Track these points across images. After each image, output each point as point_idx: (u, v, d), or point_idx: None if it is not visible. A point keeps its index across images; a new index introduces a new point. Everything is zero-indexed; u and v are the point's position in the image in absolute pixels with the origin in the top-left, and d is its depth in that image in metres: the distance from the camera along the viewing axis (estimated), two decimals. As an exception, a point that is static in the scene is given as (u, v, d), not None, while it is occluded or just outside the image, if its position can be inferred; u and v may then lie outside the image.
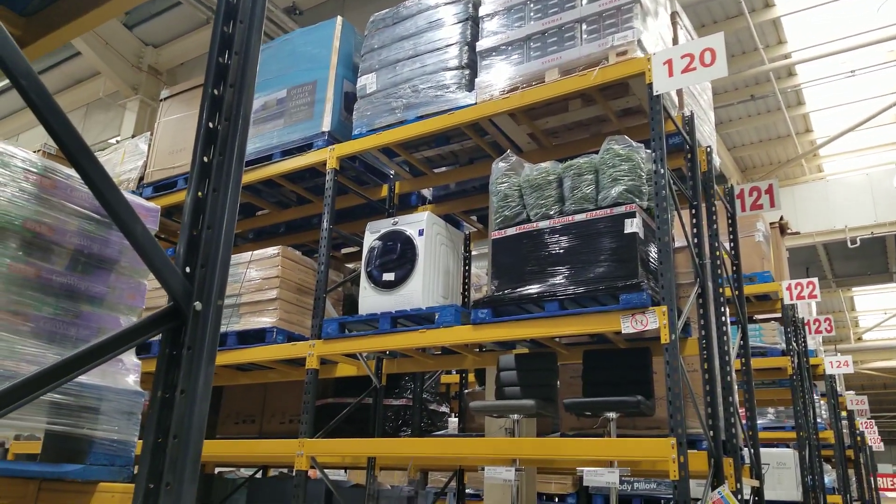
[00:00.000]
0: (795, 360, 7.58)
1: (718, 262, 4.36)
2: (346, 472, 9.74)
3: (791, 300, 7.49)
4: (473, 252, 6.20)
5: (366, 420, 5.47)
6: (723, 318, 4.22)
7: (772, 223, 8.31)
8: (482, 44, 4.78)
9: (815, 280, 7.47)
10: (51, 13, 2.73)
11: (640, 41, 4.16)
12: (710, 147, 4.70)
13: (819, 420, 9.52)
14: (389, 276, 4.69)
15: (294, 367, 5.69)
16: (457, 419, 7.07)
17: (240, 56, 1.76)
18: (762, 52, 11.24)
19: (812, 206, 14.20)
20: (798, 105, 13.24)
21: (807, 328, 8.72)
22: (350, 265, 7.03)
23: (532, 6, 4.65)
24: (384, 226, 4.90)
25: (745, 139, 14.56)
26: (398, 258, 4.71)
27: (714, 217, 4.48)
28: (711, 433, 3.80)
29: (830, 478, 10.17)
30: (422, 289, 4.57)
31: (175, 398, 1.53)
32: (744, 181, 14.75)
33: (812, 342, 9.35)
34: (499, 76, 4.61)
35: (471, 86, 4.81)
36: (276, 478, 7.45)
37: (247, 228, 7.04)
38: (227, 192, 1.67)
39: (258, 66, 1.82)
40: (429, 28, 5.16)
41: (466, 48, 4.92)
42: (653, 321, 3.56)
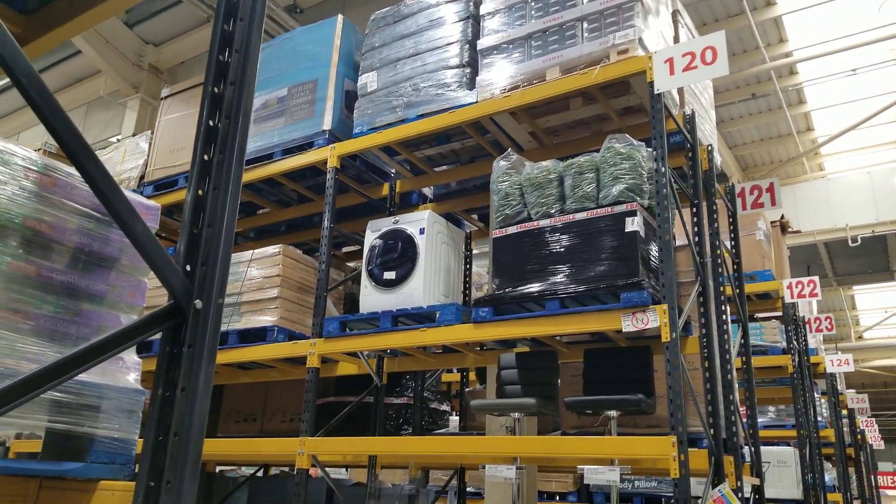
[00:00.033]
0: (796, 359, 7.58)
1: (719, 261, 4.35)
2: (348, 471, 9.75)
3: (792, 299, 7.49)
4: (474, 251, 6.19)
5: (367, 418, 5.47)
6: (723, 317, 4.22)
7: (773, 222, 8.30)
8: (483, 42, 4.77)
9: (816, 279, 7.47)
10: (51, 11, 2.73)
11: (642, 39, 4.16)
12: (711, 145, 4.70)
13: (819, 418, 9.52)
14: (390, 275, 4.69)
15: (295, 366, 5.70)
16: (458, 418, 7.08)
17: (240, 54, 1.76)
18: (763, 51, 11.23)
19: (813, 205, 14.19)
20: (799, 104, 13.22)
21: (807, 327, 8.72)
22: (351, 264, 7.03)
23: (533, 4, 4.64)
24: (385, 224, 4.91)
25: (746, 138, 14.55)
26: (399, 257, 4.71)
27: (715, 215, 4.47)
28: (712, 431, 3.80)
29: (831, 476, 10.17)
30: (423, 287, 4.57)
31: (176, 396, 1.53)
32: (745, 180, 14.74)
33: (813, 341, 9.35)
34: (500, 74, 4.61)
35: (472, 84, 4.81)
36: (278, 476, 7.45)
37: (248, 227, 7.04)
38: (228, 191, 1.67)
39: (259, 65, 1.82)
40: (430, 26, 5.15)
41: (467, 46, 4.92)
42: (653, 319, 3.56)
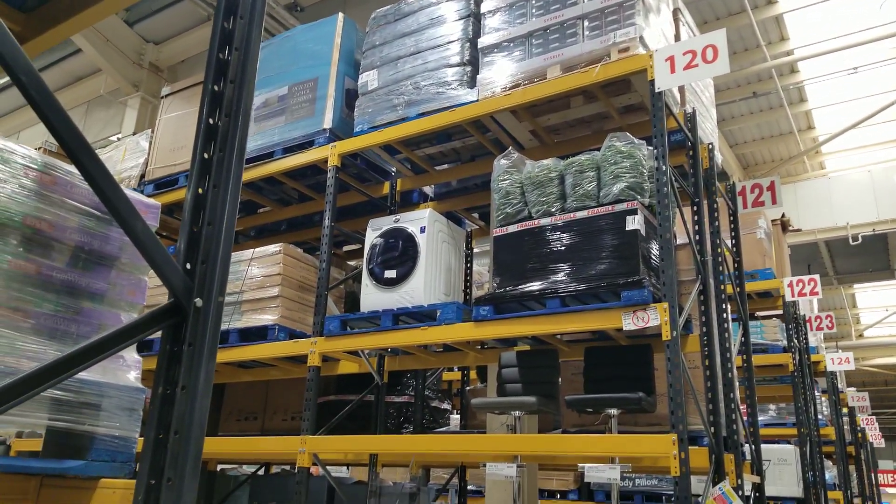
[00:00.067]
0: (797, 357, 7.58)
1: (720, 259, 4.35)
2: (349, 469, 9.76)
3: (792, 297, 7.49)
4: (475, 249, 6.20)
5: (368, 417, 5.47)
6: (724, 315, 4.22)
7: (773, 220, 8.29)
8: (484, 40, 4.77)
9: (817, 277, 7.46)
10: (50, 9, 2.72)
11: (643, 38, 4.15)
12: (712, 144, 4.69)
13: (820, 416, 9.52)
14: (391, 274, 4.69)
15: (296, 365, 5.70)
16: (458, 416, 7.09)
17: (240, 52, 1.75)
18: (764, 49, 11.21)
19: (814, 203, 14.18)
20: (800, 102, 13.21)
21: (808, 325, 8.71)
22: (352, 262, 7.03)
23: (534, 3, 4.63)
24: (386, 223, 4.91)
25: (747, 136, 14.53)
26: (400, 255, 4.71)
27: (716, 214, 4.47)
28: (712, 429, 3.80)
29: (831, 474, 10.18)
30: (423, 286, 4.56)
31: (176, 394, 1.53)
32: (745, 178, 14.73)
33: (813, 339, 9.35)
34: (501, 73, 4.60)
35: (472, 82, 4.80)
36: (279, 475, 7.46)
37: (248, 226, 7.04)
38: (228, 189, 1.67)
39: (259, 63, 1.82)
40: (430, 25, 5.15)
41: (468, 45, 4.91)
42: (654, 318, 3.56)
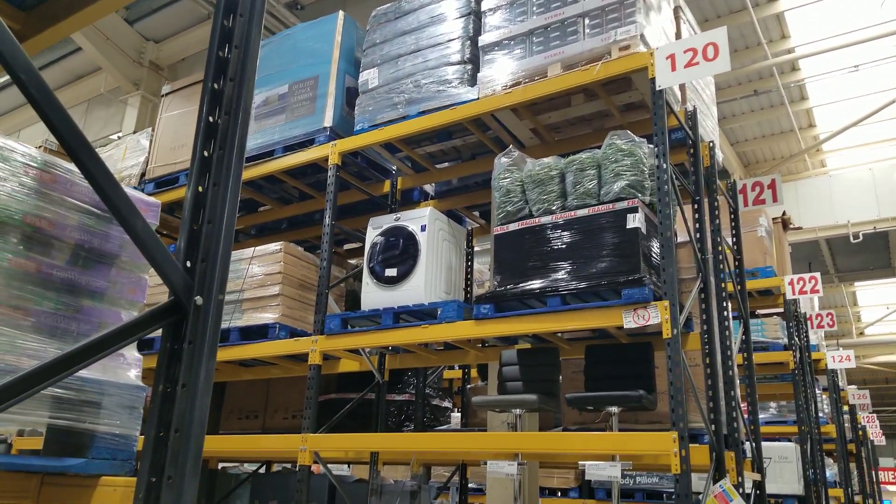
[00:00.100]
0: (797, 355, 7.57)
1: (720, 257, 4.35)
2: (350, 467, 9.77)
3: (793, 295, 7.48)
4: (476, 248, 6.19)
5: (368, 415, 5.48)
6: (725, 313, 4.22)
7: (774, 218, 8.28)
8: (484, 38, 4.76)
9: (818, 275, 7.45)
10: (50, 7, 2.72)
11: (643, 36, 4.15)
12: (713, 142, 4.69)
13: (821, 414, 9.52)
14: (392, 272, 4.69)
15: (297, 363, 5.70)
16: (459, 414, 7.09)
17: (240, 50, 1.75)
18: (765, 47, 11.19)
19: (815, 202, 14.16)
20: (801, 100, 13.18)
21: (809, 323, 8.71)
22: (352, 261, 7.03)
23: (534, 0, 4.63)
24: (386, 221, 4.90)
25: (748, 134, 14.51)
26: (400, 254, 4.71)
27: (716, 212, 4.47)
28: (713, 427, 3.80)
29: (832, 472, 10.18)
30: (424, 284, 4.56)
31: (176, 392, 1.53)
32: (746, 176, 14.72)
33: (814, 337, 9.34)
34: (501, 71, 4.60)
35: (473, 81, 4.80)
36: (280, 473, 7.47)
37: (249, 224, 7.04)
38: (228, 187, 1.67)
39: (259, 61, 1.81)
40: (431, 23, 5.14)
41: (469, 43, 4.91)
42: (655, 316, 3.56)
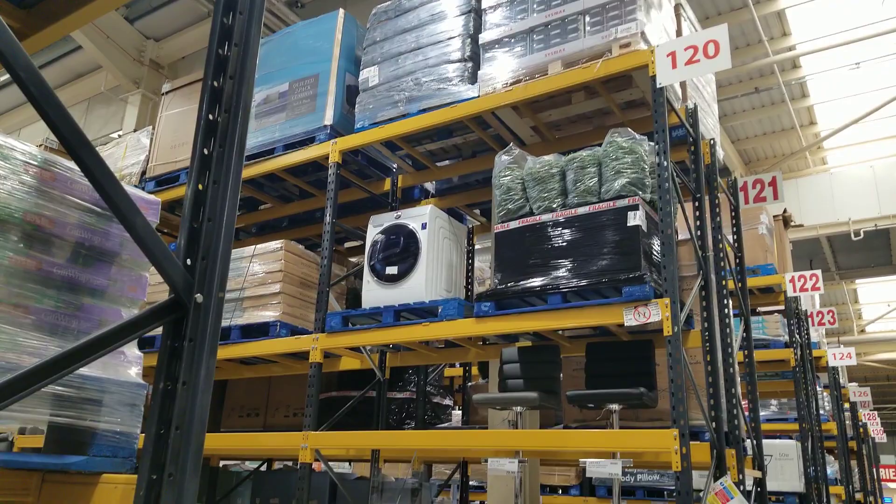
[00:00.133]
0: (798, 353, 7.57)
1: (721, 255, 4.34)
2: (351, 465, 9.79)
3: (794, 292, 7.48)
4: (477, 245, 6.20)
5: (369, 413, 5.48)
6: (725, 311, 4.21)
7: (775, 216, 8.27)
8: (485, 36, 4.76)
9: (819, 272, 7.44)
10: (50, 5, 2.72)
11: (644, 33, 4.14)
12: (714, 139, 4.68)
13: (822, 412, 9.52)
14: (392, 270, 4.69)
15: (298, 361, 5.70)
16: (460, 412, 7.09)
17: (239, 48, 1.75)
18: (766, 44, 11.17)
19: (816, 199, 14.15)
20: (802, 97, 13.17)
21: (810, 320, 8.70)
22: (353, 259, 7.03)
23: (534, -2, 4.62)
24: (387, 219, 4.90)
25: (749, 131, 14.50)
26: (401, 252, 4.71)
27: (717, 209, 4.46)
28: (714, 425, 3.80)
29: (833, 469, 10.19)
30: (425, 282, 4.57)
31: (177, 390, 1.54)
32: (747, 174, 14.71)
33: (815, 334, 9.34)
34: (502, 69, 4.59)
35: (473, 78, 4.80)
36: (281, 470, 7.48)
37: (250, 223, 7.04)
38: (228, 184, 1.67)
39: (259, 59, 1.81)
40: (431, 20, 5.14)
41: (469, 41, 4.90)
42: (655, 313, 3.56)
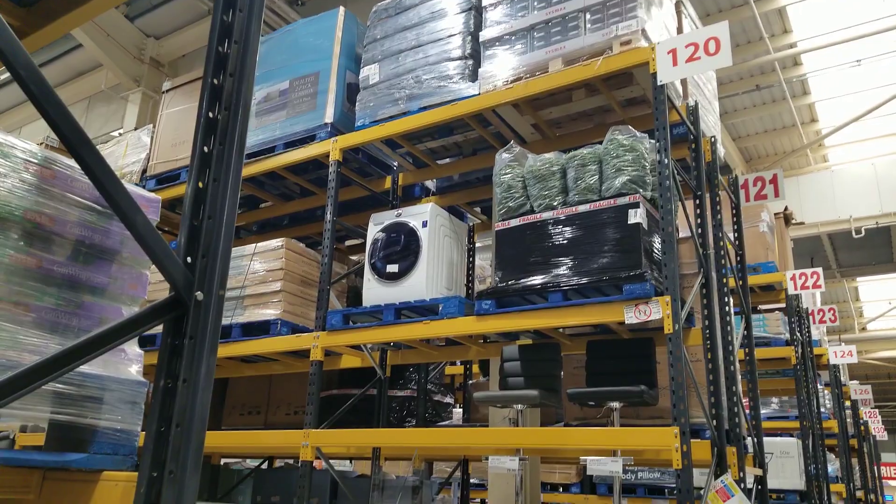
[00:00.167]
0: (799, 350, 7.57)
1: (722, 253, 4.34)
2: (352, 463, 9.79)
3: (795, 290, 7.48)
4: (477, 243, 6.19)
5: (370, 411, 5.48)
6: (726, 308, 4.21)
7: (776, 213, 8.27)
8: (485, 34, 4.75)
9: (820, 270, 7.44)
10: (50, 3, 2.71)
11: (645, 30, 4.13)
12: (715, 137, 4.68)
13: (823, 410, 9.52)
14: (393, 268, 4.69)
15: (298, 359, 5.71)
16: (461, 410, 7.09)
17: (239, 45, 1.75)
18: (767, 42, 11.16)
19: (817, 197, 14.14)
20: (803, 95, 13.15)
21: (811, 318, 8.71)
22: (354, 257, 7.03)
23: (535, -5, 4.61)
24: (388, 217, 4.90)
25: (750, 129, 14.49)
26: (402, 250, 4.71)
27: (718, 207, 4.46)
28: (714, 422, 3.80)
29: (834, 467, 10.19)
30: (425, 280, 4.56)
31: (177, 387, 1.54)
32: (748, 171, 14.69)
33: (816, 332, 9.34)
34: (502, 66, 4.59)
35: (474, 76, 4.79)
36: (282, 468, 7.48)
37: (250, 221, 7.04)
38: (228, 182, 1.67)
39: (260, 57, 1.81)
40: (431, 18, 5.13)
41: (469, 38, 4.90)
42: (656, 311, 3.56)
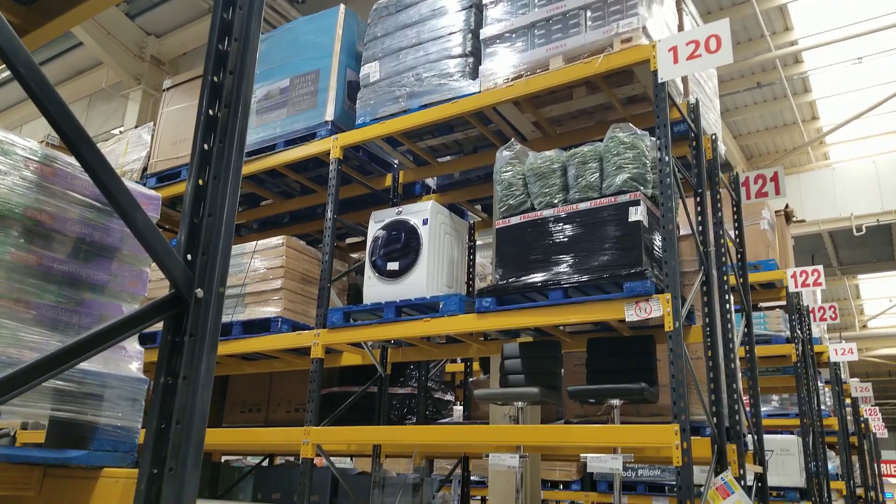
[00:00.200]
0: (800, 348, 7.57)
1: (723, 250, 4.34)
2: (352, 460, 9.80)
3: (796, 288, 7.47)
4: (478, 241, 6.20)
5: (371, 408, 5.49)
6: (727, 306, 4.21)
7: (777, 211, 8.26)
8: (486, 31, 4.75)
9: (820, 268, 7.44)
10: (50, 1, 2.71)
11: (645, 28, 4.13)
12: (716, 135, 4.67)
13: (823, 407, 9.53)
14: (394, 266, 4.69)
15: (299, 357, 5.71)
16: (461, 407, 7.10)
17: (239, 43, 1.75)
18: (768, 39, 11.15)
19: (818, 194, 14.13)
20: (804, 92, 13.14)
21: (811, 316, 8.71)
22: (354, 255, 7.04)
23: (535, -7, 4.61)
24: (388, 215, 4.90)
25: (751, 127, 14.47)
26: (402, 248, 4.71)
27: (719, 205, 4.46)
28: (715, 420, 3.80)
29: (834, 464, 10.20)
30: (426, 278, 4.57)
31: (178, 385, 1.54)
32: (749, 169, 14.68)
33: (816, 330, 9.34)
34: (503, 64, 4.58)
35: (475, 74, 4.79)
36: (283, 466, 7.50)
37: (251, 218, 7.05)
38: (228, 180, 1.67)
39: (260, 55, 1.81)
40: (432, 16, 5.13)
41: (470, 36, 4.89)
42: (657, 309, 3.56)
